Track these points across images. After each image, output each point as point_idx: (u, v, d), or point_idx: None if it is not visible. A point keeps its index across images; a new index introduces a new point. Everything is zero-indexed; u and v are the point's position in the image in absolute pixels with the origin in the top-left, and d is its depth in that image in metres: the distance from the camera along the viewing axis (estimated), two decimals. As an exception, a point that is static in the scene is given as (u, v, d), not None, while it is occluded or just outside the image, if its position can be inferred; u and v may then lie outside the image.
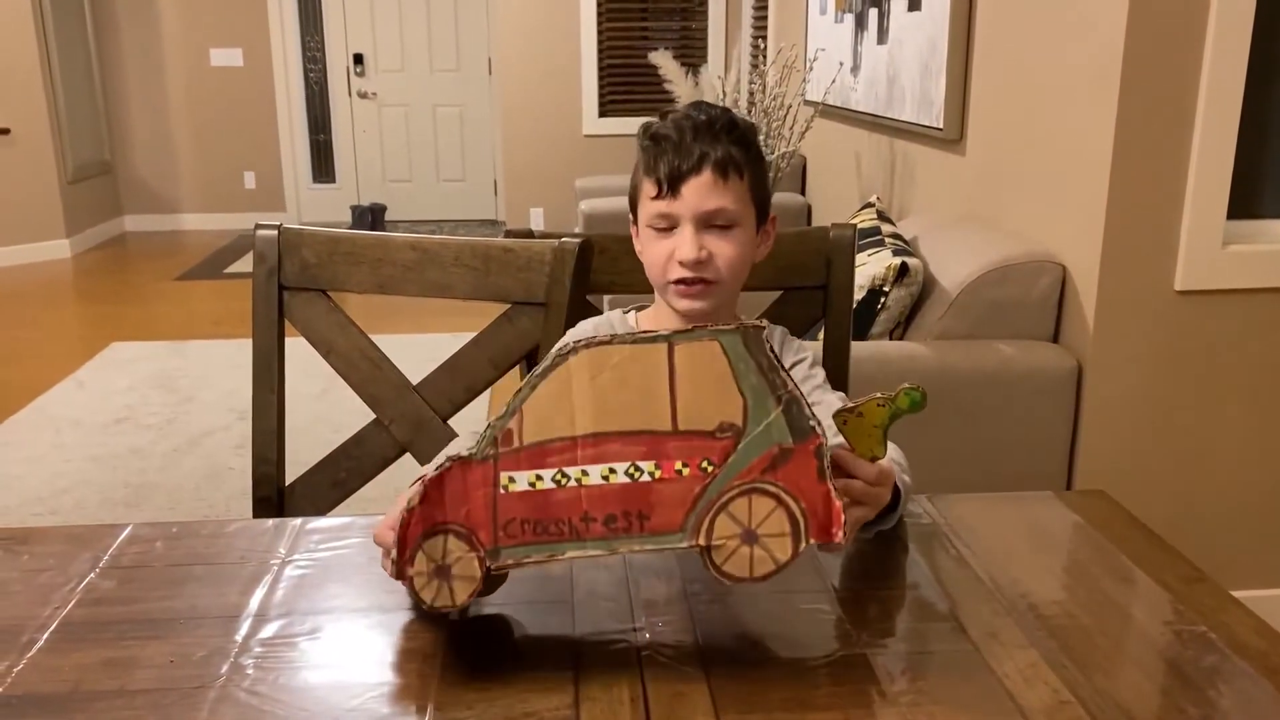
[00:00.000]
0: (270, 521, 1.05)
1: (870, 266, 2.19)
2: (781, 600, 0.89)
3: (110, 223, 6.94)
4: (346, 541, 1.00)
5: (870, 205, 2.59)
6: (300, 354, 1.42)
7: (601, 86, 6.22)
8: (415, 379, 1.34)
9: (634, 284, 1.35)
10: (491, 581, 0.88)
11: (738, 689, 0.76)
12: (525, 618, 0.87)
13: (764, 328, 0.77)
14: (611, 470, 0.74)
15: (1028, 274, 2.11)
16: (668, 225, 1.12)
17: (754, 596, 0.90)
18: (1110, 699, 0.75)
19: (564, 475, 0.75)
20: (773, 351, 0.76)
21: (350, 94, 7.32)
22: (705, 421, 0.74)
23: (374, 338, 1.36)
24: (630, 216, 1.20)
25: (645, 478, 0.74)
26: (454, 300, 1.34)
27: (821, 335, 1.42)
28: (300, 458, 1.40)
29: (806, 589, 0.91)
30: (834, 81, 3.65)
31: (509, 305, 1.30)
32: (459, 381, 1.32)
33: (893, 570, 0.95)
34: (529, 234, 1.35)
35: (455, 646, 0.82)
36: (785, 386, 0.75)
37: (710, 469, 0.74)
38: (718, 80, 4.89)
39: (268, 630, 0.84)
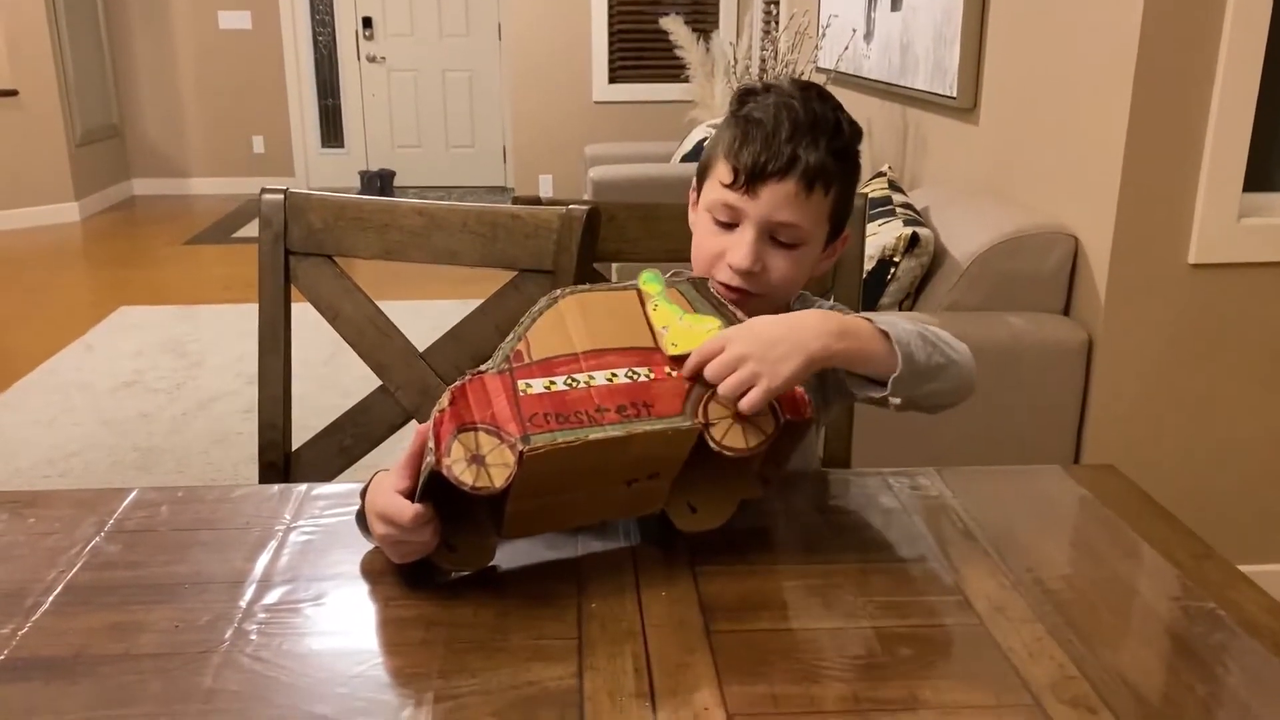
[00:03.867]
0: (275, 487, 1.05)
1: (881, 236, 2.17)
2: (790, 571, 0.89)
3: (119, 186, 6.93)
4: (352, 508, 1.00)
5: (882, 175, 2.57)
6: (307, 320, 1.41)
7: (612, 52, 6.17)
8: (422, 346, 1.33)
9: (642, 253, 1.34)
10: (485, 549, 0.88)
11: (742, 659, 0.76)
12: (529, 586, 0.87)
13: (708, 280, 0.97)
14: (614, 374, 0.86)
15: (1040, 246, 2.10)
16: (729, 220, 1.03)
17: (760, 568, 0.89)
18: (1116, 674, 0.74)
19: (573, 380, 0.85)
20: (717, 293, 0.95)
21: (359, 58, 7.28)
22: (687, 342, 0.89)
23: (380, 304, 1.35)
24: (693, 183, 1.12)
25: (643, 379, 0.86)
26: (461, 267, 1.33)
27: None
28: (308, 424, 1.39)
29: (815, 560, 0.90)
30: (846, 49, 3.61)
31: (516, 273, 1.29)
32: (465, 348, 1.31)
33: (901, 543, 0.94)
34: (536, 201, 1.33)
35: (459, 614, 0.82)
36: (735, 317, 0.92)
37: None
38: (729, 47, 4.85)
39: (272, 596, 0.84)
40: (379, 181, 6.88)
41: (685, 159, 4.18)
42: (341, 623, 0.82)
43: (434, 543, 0.86)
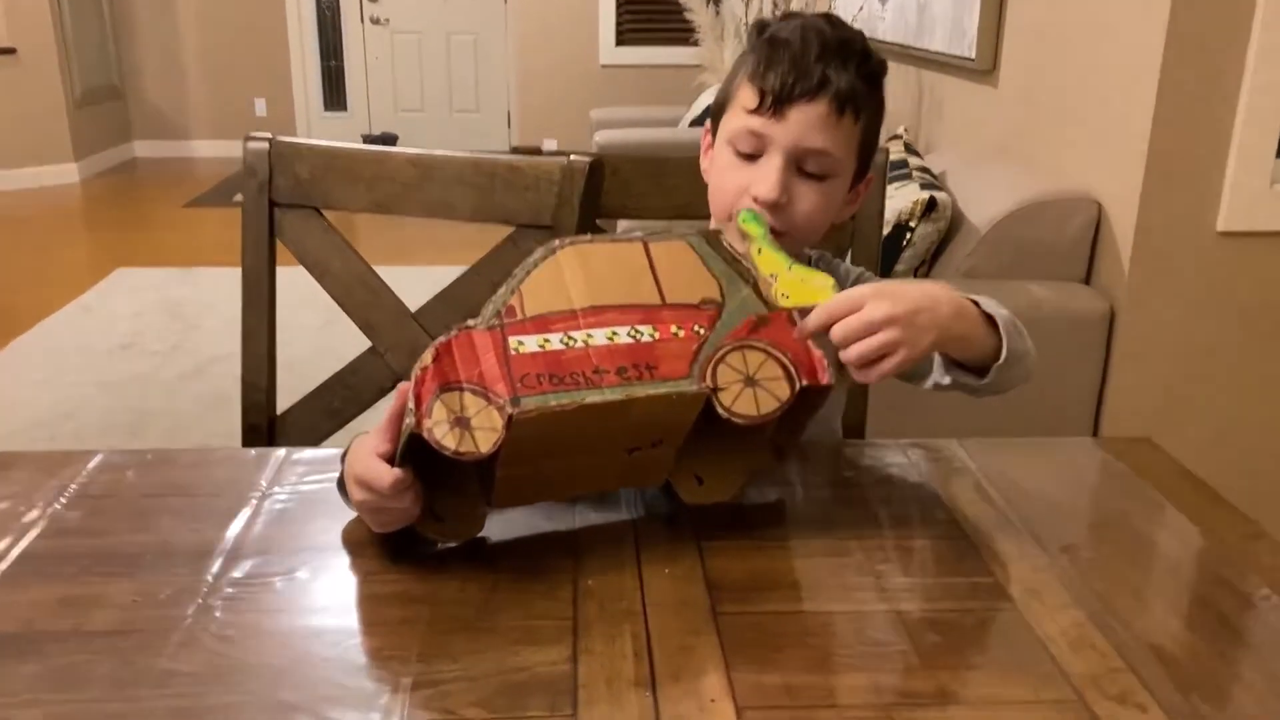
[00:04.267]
0: (253, 451, 0.99)
1: (896, 200, 2.09)
2: (803, 548, 0.82)
3: (120, 148, 6.84)
4: (333, 474, 0.93)
5: (897, 137, 2.49)
6: (301, 283, 1.34)
7: (619, 15, 6.05)
8: (414, 308, 1.26)
9: (647, 209, 1.27)
10: (473, 520, 0.82)
11: (751, 644, 0.69)
12: (521, 560, 0.80)
13: (721, 232, 0.88)
14: (614, 333, 0.79)
15: (1061, 212, 2.02)
16: (753, 151, 0.95)
17: (771, 545, 0.82)
18: (1165, 666, 0.67)
19: (570, 338, 0.78)
20: (731, 248, 0.86)
21: (363, 20, 7.16)
22: (689, 297, 0.82)
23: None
24: (707, 128, 1.04)
25: (646, 339, 0.79)
26: (457, 232, 1.26)
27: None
28: (302, 388, 1.33)
29: (830, 536, 0.83)
30: (861, 9, 3.51)
31: (513, 228, 1.22)
32: (459, 309, 1.23)
33: (925, 520, 0.87)
34: (537, 152, 1.26)
35: (443, 590, 0.75)
36: (750, 274, 0.85)
37: (702, 332, 0.81)
38: (740, 9, 4.74)
39: (241, 569, 0.78)
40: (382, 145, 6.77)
41: (694, 123, 4.09)
42: (315, 599, 0.75)
43: (416, 510, 0.79)
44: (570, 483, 0.86)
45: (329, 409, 1.29)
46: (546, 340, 0.78)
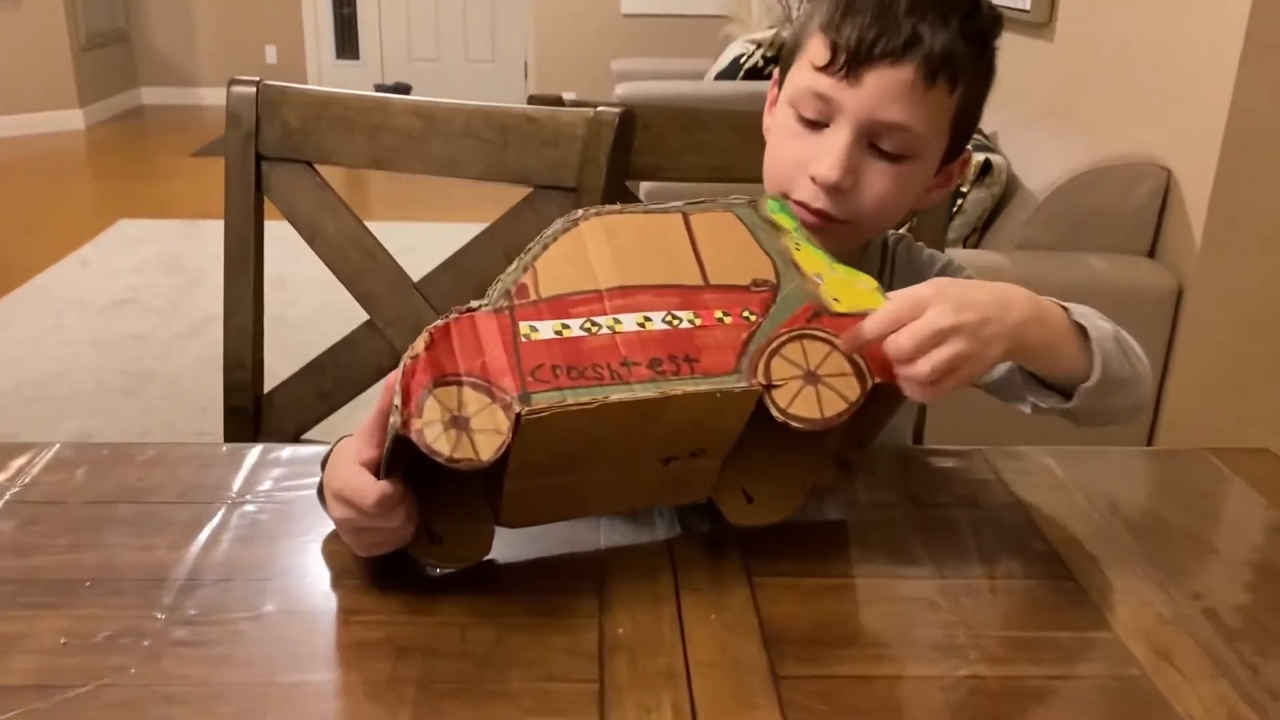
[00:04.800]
0: (224, 447, 0.85)
1: (945, 163, 1.93)
2: (876, 589, 0.68)
3: (126, 94, 6.67)
4: (316, 478, 0.80)
5: (943, 95, 2.31)
6: (300, 245, 1.19)
7: (642, -37, 5.82)
8: (418, 275, 1.12)
9: (685, 169, 1.12)
10: (478, 540, 0.68)
11: (822, 718, 0.55)
12: (536, 594, 0.66)
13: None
14: (647, 318, 0.67)
15: (1126, 179, 1.85)
16: (818, 118, 0.78)
17: (837, 581, 0.69)
18: (1347, 767, 0.53)
19: (594, 324, 0.66)
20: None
21: (376, -35, 6.94)
22: (737, 278, 0.69)
23: (369, 225, 1.14)
24: (775, 78, 0.87)
25: (686, 325, 0.66)
26: (467, 188, 1.11)
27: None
28: (305, 353, 1.19)
29: (907, 571, 0.69)
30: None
31: (530, 189, 1.07)
32: (468, 279, 1.09)
33: (1019, 551, 0.73)
34: (558, 101, 1.10)
35: (441, 638, 0.62)
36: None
37: (753, 318, 0.68)
38: (770, -43, 4.52)
39: (198, 603, 0.64)
40: (395, 96, 6.59)
41: (719, 76, 3.90)
42: (285, 648, 0.61)
43: (409, 531, 0.66)
44: (593, 499, 0.72)
45: (319, 391, 1.15)
46: (565, 326, 0.65)
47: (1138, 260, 1.87)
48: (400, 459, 0.63)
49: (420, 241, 1.14)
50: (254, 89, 1.12)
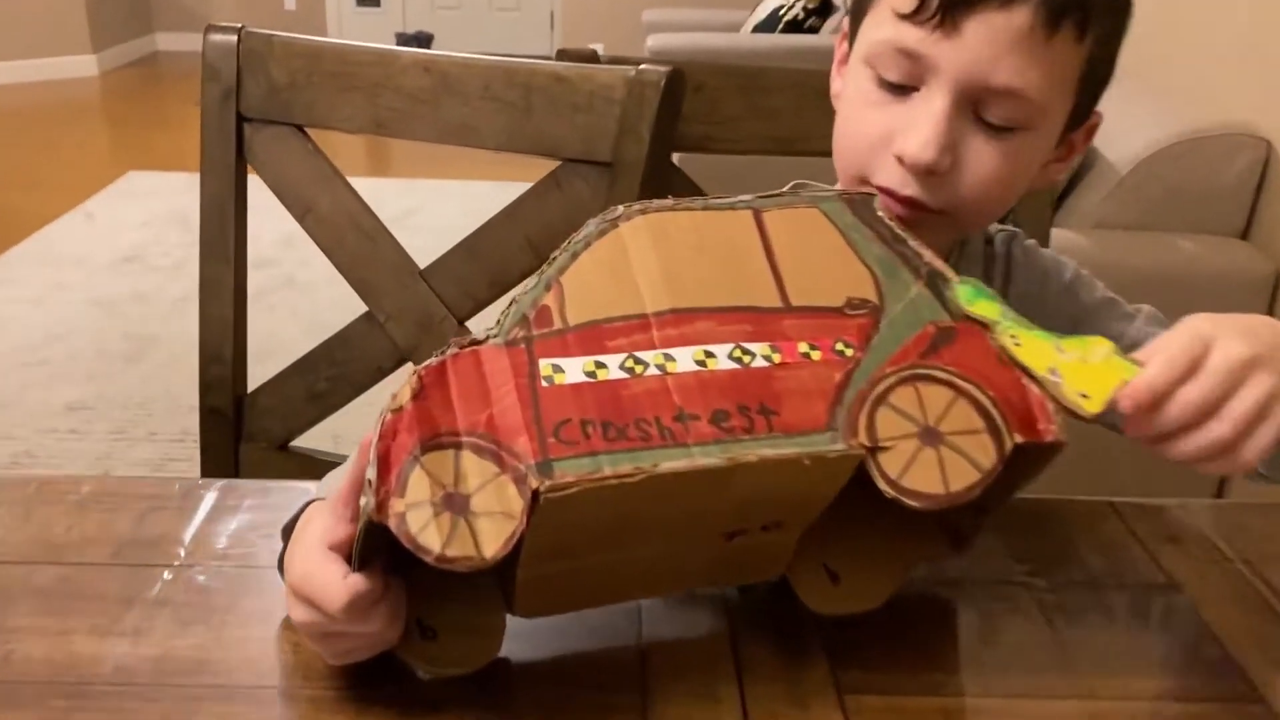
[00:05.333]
0: (176, 484, 0.69)
1: (1017, 130, 1.74)
2: (1003, 710, 0.52)
3: (141, 40, 6.49)
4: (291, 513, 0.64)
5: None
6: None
7: (676, -92, 5.56)
8: (425, 258, 0.95)
9: (743, 140, 0.94)
10: (485, 638, 0.53)
11: None
12: (560, 707, 0.51)
13: (874, 195, 0.58)
14: (709, 354, 0.51)
15: (1219, 151, 1.67)
16: (904, 80, 0.60)
17: (952, 694, 0.52)
18: None
19: (638, 362, 0.50)
20: (894, 220, 0.56)
21: (399, -93, 6.70)
22: (826, 296, 0.53)
23: (375, 183, 0.97)
24: (843, 32, 0.69)
25: (760, 363, 0.51)
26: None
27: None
28: (315, 319, 1.03)
29: (1045, 687, 0.53)
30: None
31: (559, 163, 0.90)
32: (483, 268, 0.93)
33: (1178, 648, 0.56)
34: (592, 57, 0.93)
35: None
36: (921, 258, 0.55)
37: (850, 352, 0.52)
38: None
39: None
40: (416, 45, 6.38)
41: (757, 29, 3.68)
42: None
43: (394, 633, 0.50)
44: (633, 582, 0.56)
45: (311, 391, 0.99)
46: (599, 365, 0.50)
47: (1231, 243, 1.69)
48: (379, 542, 0.47)
49: (436, 198, 0.97)
50: (234, 37, 0.95)
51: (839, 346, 0.52)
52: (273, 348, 1.48)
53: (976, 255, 0.76)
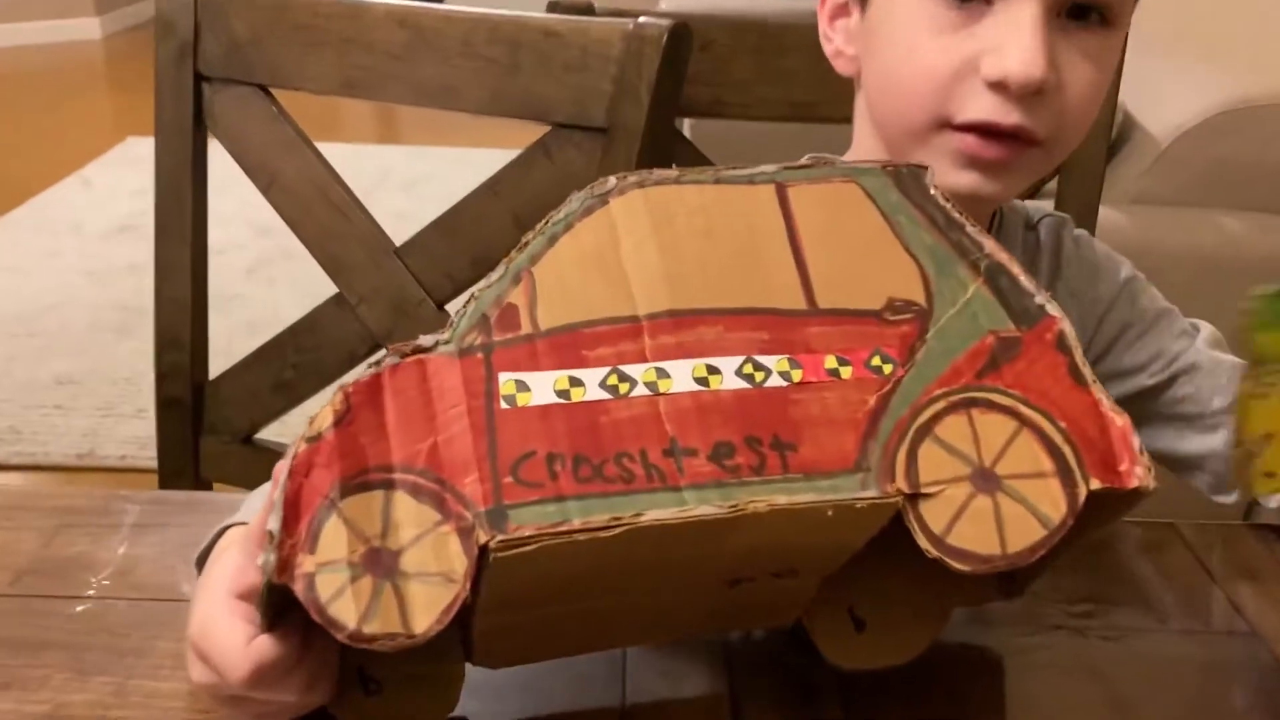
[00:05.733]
0: (100, 494, 0.60)
1: (1051, 98, 1.63)
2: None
3: (146, 3, 6.37)
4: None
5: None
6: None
7: None
8: (402, 233, 0.86)
9: (756, 105, 0.85)
10: (439, 691, 0.45)
11: None
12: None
13: (926, 169, 0.46)
14: (712, 370, 0.41)
15: (1270, 122, 1.56)
16: None
17: None
18: None
19: (623, 378, 0.40)
20: (943, 195, 0.45)
21: None
22: (863, 296, 0.43)
23: (352, 148, 0.88)
24: None
25: (776, 382, 0.41)
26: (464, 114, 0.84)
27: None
28: (299, 266, 0.95)
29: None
30: None
31: (548, 128, 0.80)
32: (464, 246, 0.83)
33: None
34: (587, 9, 0.83)
35: None
36: (982, 249, 0.45)
37: (889, 369, 0.42)
38: None
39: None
40: None
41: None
42: None
43: (319, 697, 0.42)
44: (616, 628, 0.47)
45: (277, 380, 0.91)
46: (575, 382, 0.40)
47: (1280, 221, 1.58)
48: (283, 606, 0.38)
49: (439, 167, 0.87)
50: (190, -13, 0.85)
51: (875, 361, 0.42)
52: (271, 322, 1.40)
53: (1015, 241, 0.66)
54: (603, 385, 0.39)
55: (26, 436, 2.10)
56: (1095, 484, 0.40)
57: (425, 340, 0.40)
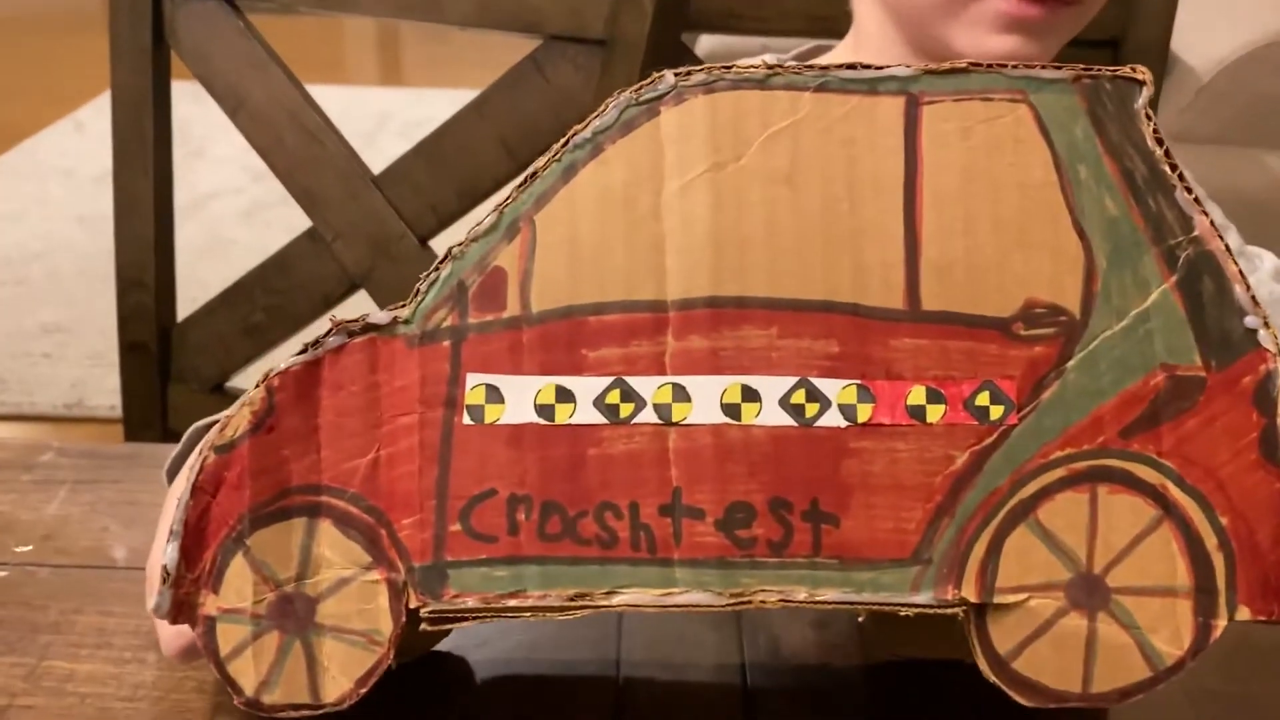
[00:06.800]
0: (51, 448, 0.53)
1: (1083, 30, 1.55)
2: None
3: (144, -56, 6.26)
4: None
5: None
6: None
7: None
8: (379, 163, 0.78)
9: (770, 18, 0.76)
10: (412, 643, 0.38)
11: None
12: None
13: (1142, 81, 0.32)
14: (749, 394, 0.31)
15: (1317, 55, 1.48)
16: None
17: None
18: None
19: (627, 395, 0.31)
20: (1159, 138, 0.32)
21: None
22: (989, 295, 0.31)
23: (317, 89, 0.81)
24: None
25: (833, 419, 0.31)
26: (446, 28, 0.76)
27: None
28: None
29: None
30: None
31: (540, 40, 0.72)
32: (449, 175, 0.76)
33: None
34: (584, -93, 0.74)
35: None
36: (1189, 229, 0.31)
37: (998, 412, 0.30)
38: None
39: None
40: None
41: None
42: None
43: None
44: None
45: (247, 323, 0.83)
46: (564, 395, 0.31)
47: (1326, 161, 1.51)
48: None
49: (442, 111, 0.79)
50: (146, -114, 0.77)
51: (982, 400, 0.31)
52: (238, 271, 1.34)
53: None
54: (599, 404, 0.31)
55: (13, 386, 2.04)
56: (1244, 613, 0.30)
57: (379, 316, 0.32)
